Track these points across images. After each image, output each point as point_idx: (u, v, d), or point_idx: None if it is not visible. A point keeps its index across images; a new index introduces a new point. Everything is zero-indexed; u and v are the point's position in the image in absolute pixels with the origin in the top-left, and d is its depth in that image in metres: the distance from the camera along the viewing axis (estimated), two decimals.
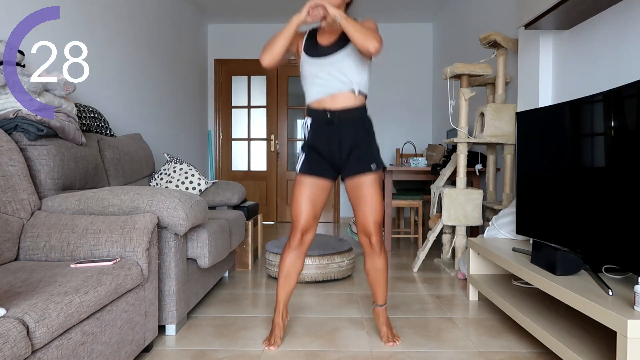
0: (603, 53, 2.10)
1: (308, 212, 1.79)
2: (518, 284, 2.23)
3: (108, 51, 3.19)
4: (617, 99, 1.56)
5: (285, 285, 1.86)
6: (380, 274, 1.87)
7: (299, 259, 1.84)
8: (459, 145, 2.96)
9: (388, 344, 1.84)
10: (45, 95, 1.99)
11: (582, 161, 1.74)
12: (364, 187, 1.77)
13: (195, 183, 3.03)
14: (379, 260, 1.84)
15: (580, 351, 1.45)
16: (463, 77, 2.93)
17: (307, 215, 1.79)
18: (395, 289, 2.66)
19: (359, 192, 1.77)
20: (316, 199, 1.80)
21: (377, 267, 1.86)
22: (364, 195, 1.77)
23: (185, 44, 4.87)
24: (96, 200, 1.83)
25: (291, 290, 1.88)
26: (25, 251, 1.66)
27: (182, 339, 1.91)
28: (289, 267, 1.84)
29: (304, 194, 1.79)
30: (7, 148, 1.75)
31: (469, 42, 4.31)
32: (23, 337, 1.02)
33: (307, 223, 1.79)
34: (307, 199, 1.78)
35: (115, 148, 2.61)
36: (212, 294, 2.58)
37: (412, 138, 5.72)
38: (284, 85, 5.82)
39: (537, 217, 2.06)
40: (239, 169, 5.91)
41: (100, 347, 1.36)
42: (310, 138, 1.81)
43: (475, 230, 3.74)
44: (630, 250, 1.49)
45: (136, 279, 1.57)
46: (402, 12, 5.29)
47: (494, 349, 1.82)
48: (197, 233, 2.08)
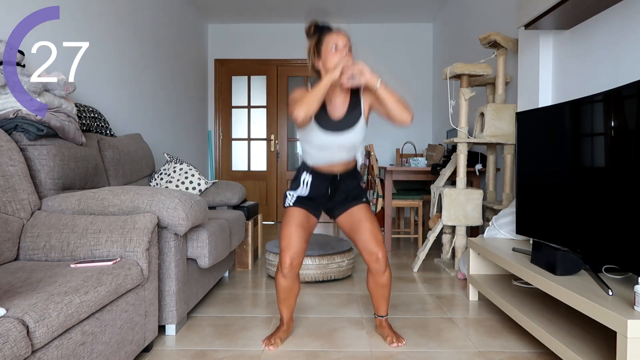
0: (603, 53, 2.10)
1: (298, 240, 1.80)
2: (518, 284, 2.23)
3: (108, 51, 3.19)
4: (617, 99, 1.56)
5: (286, 304, 1.89)
6: (385, 289, 1.88)
7: (294, 282, 1.84)
8: (459, 145, 2.96)
9: (392, 345, 1.84)
10: (45, 95, 1.99)
11: (582, 161, 1.74)
12: (358, 212, 1.86)
13: (195, 183, 3.03)
14: (384, 277, 1.84)
15: (580, 351, 1.45)
16: (463, 77, 2.93)
17: (298, 243, 1.80)
18: (395, 289, 2.66)
19: (355, 218, 1.85)
20: (305, 230, 1.83)
21: (383, 284, 1.86)
22: (360, 219, 1.84)
23: (185, 44, 4.87)
24: (96, 200, 1.83)
25: (293, 307, 1.92)
26: (25, 251, 1.66)
27: (182, 339, 1.91)
28: (287, 292, 1.86)
29: (294, 223, 1.81)
30: (7, 148, 1.75)
31: (469, 42, 4.31)
32: (23, 337, 1.02)
33: (298, 250, 1.80)
34: (297, 228, 1.80)
35: (115, 148, 2.61)
36: (212, 294, 2.58)
37: (412, 138, 5.72)
38: (284, 85, 5.82)
39: (537, 217, 2.06)
40: (239, 169, 5.91)
41: (100, 347, 1.36)
42: (308, 192, 1.85)
43: (475, 230, 3.74)
44: (630, 250, 1.49)
45: (136, 279, 1.57)
46: (402, 12, 5.29)
47: (494, 349, 1.82)
48: (197, 233, 2.08)
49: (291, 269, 1.79)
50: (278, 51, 5.73)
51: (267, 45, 5.74)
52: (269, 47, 5.74)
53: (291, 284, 1.84)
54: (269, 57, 5.75)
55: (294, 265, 1.79)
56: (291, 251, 1.78)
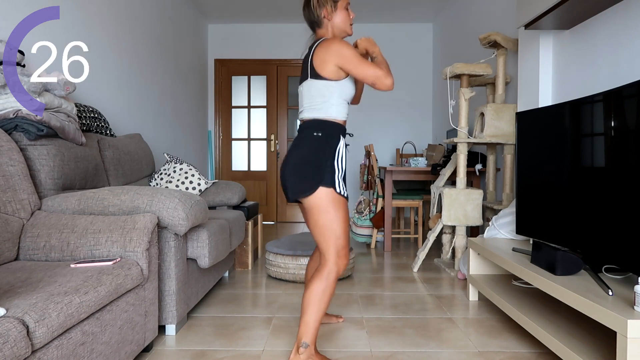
0: (603, 53, 2.10)
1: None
2: (518, 284, 2.23)
3: (108, 51, 3.19)
4: (617, 99, 1.56)
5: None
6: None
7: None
8: (459, 145, 2.96)
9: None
10: (45, 95, 1.99)
11: (582, 161, 1.74)
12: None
13: (195, 183, 3.03)
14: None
15: (580, 351, 1.45)
16: (463, 77, 2.93)
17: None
18: (395, 289, 2.67)
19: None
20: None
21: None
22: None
23: (185, 44, 4.87)
24: (96, 200, 1.83)
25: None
26: (25, 251, 1.66)
27: (182, 339, 1.91)
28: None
29: (346, 219, 1.66)
30: (7, 148, 1.75)
31: (469, 42, 4.31)
32: (23, 337, 1.02)
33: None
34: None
35: (115, 148, 2.61)
36: (212, 294, 2.58)
37: (412, 138, 5.72)
38: (284, 85, 5.82)
39: (537, 217, 2.06)
40: (239, 169, 5.91)
41: (100, 347, 1.36)
42: (345, 161, 1.69)
43: (475, 230, 3.74)
44: (630, 250, 1.49)
45: (136, 279, 1.57)
46: (402, 12, 5.29)
47: (494, 349, 1.82)
48: (197, 233, 2.08)
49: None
50: (278, 51, 5.74)
51: (267, 45, 5.74)
52: (269, 47, 5.74)
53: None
54: (269, 57, 5.75)
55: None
56: (340, 245, 1.62)
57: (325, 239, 1.61)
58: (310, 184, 1.60)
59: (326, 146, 1.64)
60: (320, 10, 1.71)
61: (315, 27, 1.77)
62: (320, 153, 1.63)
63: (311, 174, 1.60)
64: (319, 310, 1.58)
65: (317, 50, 1.65)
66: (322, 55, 1.63)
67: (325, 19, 1.72)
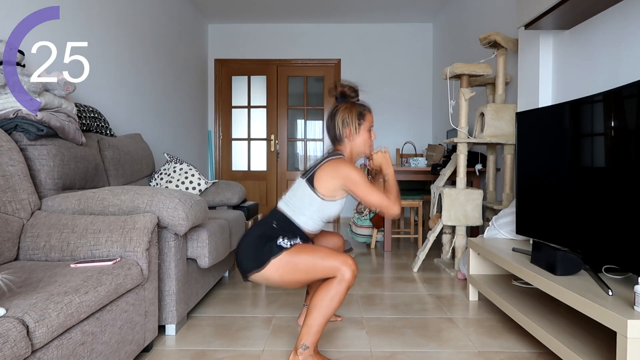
0: (603, 53, 2.10)
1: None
2: (518, 284, 2.23)
3: (108, 51, 3.19)
4: (617, 99, 1.56)
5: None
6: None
7: None
8: (459, 145, 2.96)
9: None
10: (45, 95, 1.99)
11: (582, 161, 1.74)
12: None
13: (195, 183, 3.03)
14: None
15: (580, 351, 1.45)
16: (463, 77, 2.93)
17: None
18: (395, 289, 2.66)
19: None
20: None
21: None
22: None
23: (185, 44, 4.87)
24: (96, 200, 1.83)
25: None
26: (25, 251, 1.66)
27: (182, 339, 1.91)
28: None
29: (312, 246, 1.71)
30: (7, 148, 1.75)
31: (469, 42, 4.31)
32: (23, 337, 1.02)
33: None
34: (317, 245, 1.81)
35: (115, 148, 2.61)
36: (212, 294, 2.58)
37: (412, 138, 5.72)
38: (284, 85, 5.82)
39: (537, 217, 2.06)
40: (239, 169, 5.91)
41: (100, 347, 1.36)
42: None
43: (475, 230, 3.74)
44: (630, 250, 1.49)
45: (136, 279, 1.57)
46: (402, 12, 5.29)
47: (494, 349, 1.82)
48: (197, 233, 2.08)
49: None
50: (278, 51, 5.73)
51: (267, 45, 5.74)
52: (269, 47, 5.74)
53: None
54: (269, 57, 5.75)
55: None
56: (340, 254, 1.59)
57: (318, 273, 1.58)
58: (259, 262, 1.59)
59: (279, 230, 1.66)
60: (343, 130, 1.74)
61: (335, 142, 1.79)
62: (272, 232, 1.65)
63: (261, 250, 1.59)
64: (324, 316, 1.56)
65: (326, 166, 1.68)
66: (327, 173, 1.66)
67: (347, 138, 1.75)
